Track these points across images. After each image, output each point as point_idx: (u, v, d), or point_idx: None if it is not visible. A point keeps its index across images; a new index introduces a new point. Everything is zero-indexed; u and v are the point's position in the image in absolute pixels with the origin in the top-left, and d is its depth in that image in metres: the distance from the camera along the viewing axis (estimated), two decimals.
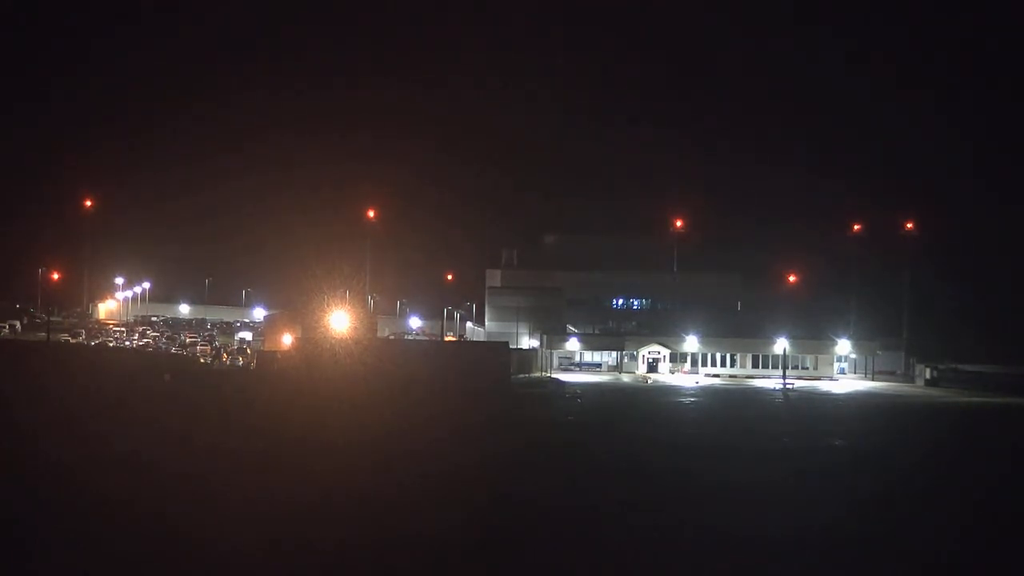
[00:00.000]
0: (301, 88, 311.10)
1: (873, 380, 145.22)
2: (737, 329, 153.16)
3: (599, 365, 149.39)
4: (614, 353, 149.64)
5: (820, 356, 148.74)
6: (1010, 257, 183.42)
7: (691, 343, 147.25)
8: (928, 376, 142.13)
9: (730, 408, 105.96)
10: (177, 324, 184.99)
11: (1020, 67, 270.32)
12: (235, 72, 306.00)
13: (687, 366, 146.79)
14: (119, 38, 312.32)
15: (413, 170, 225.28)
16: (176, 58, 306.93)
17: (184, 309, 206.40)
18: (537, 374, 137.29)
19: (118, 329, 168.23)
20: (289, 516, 45.18)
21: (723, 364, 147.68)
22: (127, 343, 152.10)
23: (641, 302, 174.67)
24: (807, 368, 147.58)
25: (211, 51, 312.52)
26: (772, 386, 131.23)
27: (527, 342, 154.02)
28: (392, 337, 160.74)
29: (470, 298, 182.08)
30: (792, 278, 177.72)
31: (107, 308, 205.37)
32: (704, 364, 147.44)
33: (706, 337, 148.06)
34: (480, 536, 42.76)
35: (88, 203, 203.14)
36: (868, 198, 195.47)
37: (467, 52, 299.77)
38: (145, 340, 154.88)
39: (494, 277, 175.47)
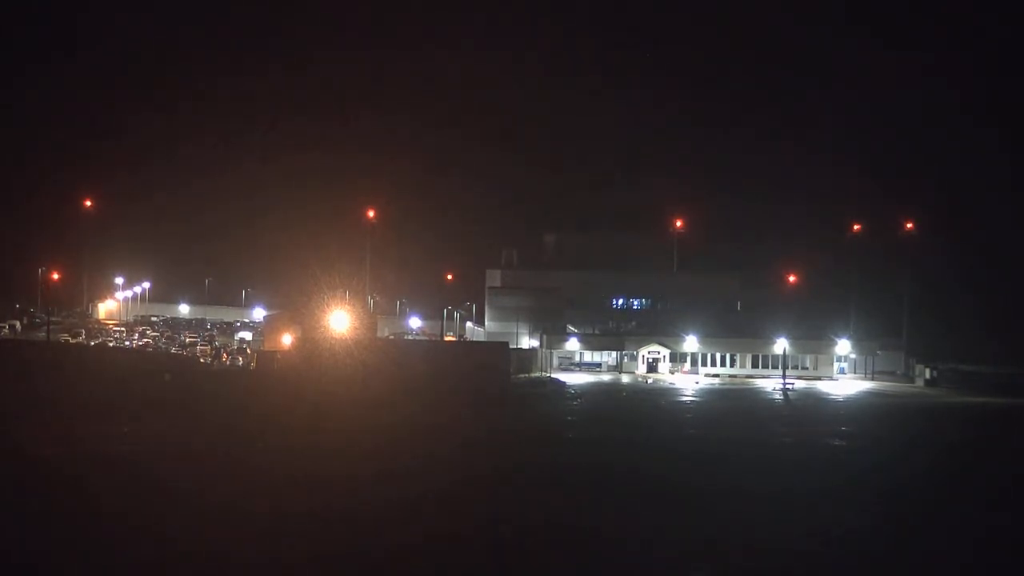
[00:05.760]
0: (301, 87, 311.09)
1: (873, 380, 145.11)
2: (737, 329, 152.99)
3: (599, 365, 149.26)
4: (614, 353, 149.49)
5: (820, 356, 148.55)
6: (1011, 256, 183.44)
7: (691, 343, 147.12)
8: (928, 376, 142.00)
9: (730, 408, 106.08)
10: (177, 324, 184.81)
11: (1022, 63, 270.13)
12: (235, 72, 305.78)
13: (687, 366, 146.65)
14: (119, 37, 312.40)
15: (413, 170, 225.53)
16: (176, 57, 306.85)
17: (184, 309, 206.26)
18: (537, 374, 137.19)
19: (118, 329, 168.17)
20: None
21: (723, 364, 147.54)
22: (127, 343, 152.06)
23: (641, 302, 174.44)
24: (807, 368, 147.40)
25: (211, 50, 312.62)
26: (772, 386, 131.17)
27: (527, 342, 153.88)
28: (392, 337, 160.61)
29: (470, 298, 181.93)
30: (792, 278, 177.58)
31: (107, 308, 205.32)
32: (704, 364, 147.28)
33: (706, 337, 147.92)
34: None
35: (88, 203, 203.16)
36: (868, 197, 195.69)
37: (467, 51, 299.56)
38: (145, 340, 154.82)
39: (494, 277, 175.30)
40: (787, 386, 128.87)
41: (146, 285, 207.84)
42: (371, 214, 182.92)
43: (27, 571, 37.88)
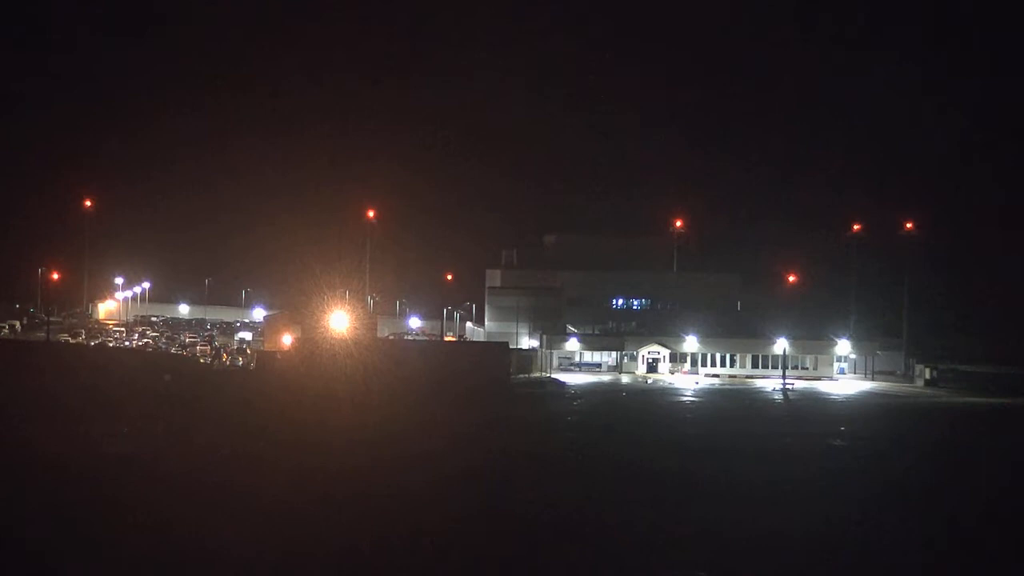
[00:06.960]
0: (301, 88, 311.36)
1: (873, 380, 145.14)
2: (737, 329, 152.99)
3: (599, 365, 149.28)
4: (614, 353, 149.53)
5: (820, 356, 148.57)
6: (1010, 257, 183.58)
7: (691, 343, 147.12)
8: (927, 376, 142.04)
9: (729, 408, 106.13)
10: (177, 324, 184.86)
11: (1019, 66, 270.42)
12: (234, 72, 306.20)
13: (687, 366, 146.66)
14: (119, 38, 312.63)
15: (413, 170, 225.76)
16: (175, 58, 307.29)
17: (184, 309, 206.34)
18: (537, 374, 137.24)
19: (118, 329, 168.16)
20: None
21: (723, 364, 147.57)
22: (127, 343, 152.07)
23: (641, 302, 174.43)
24: (807, 368, 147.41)
25: (210, 51, 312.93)
26: (772, 386, 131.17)
27: (527, 342, 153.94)
28: (392, 337, 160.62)
29: (470, 298, 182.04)
30: (792, 278, 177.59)
31: (107, 308, 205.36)
32: (704, 364, 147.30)
33: (706, 337, 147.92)
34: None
35: (88, 203, 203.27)
36: (868, 198, 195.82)
37: (468, 51, 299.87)
38: (145, 340, 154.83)
39: (494, 277, 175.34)
40: (787, 386, 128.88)
41: (146, 285, 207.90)
42: (371, 214, 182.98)
43: (30, 571, 37.98)
